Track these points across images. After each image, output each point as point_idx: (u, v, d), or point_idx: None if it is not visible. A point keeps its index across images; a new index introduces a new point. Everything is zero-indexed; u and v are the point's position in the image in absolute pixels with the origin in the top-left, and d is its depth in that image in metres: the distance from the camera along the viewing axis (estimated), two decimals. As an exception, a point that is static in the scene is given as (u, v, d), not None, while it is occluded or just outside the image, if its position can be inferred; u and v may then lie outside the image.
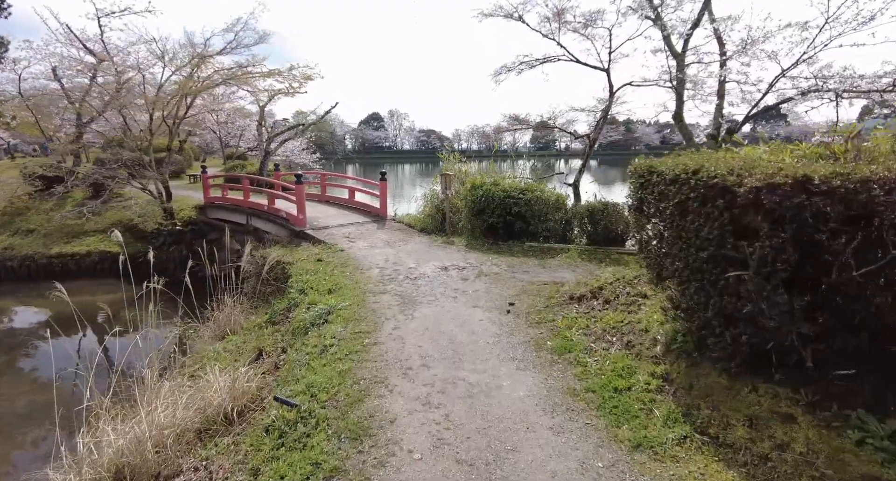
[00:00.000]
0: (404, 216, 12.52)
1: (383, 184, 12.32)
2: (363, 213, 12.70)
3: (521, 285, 7.12)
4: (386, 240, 10.38)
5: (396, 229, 11.51)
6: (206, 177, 14.46)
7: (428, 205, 12.01)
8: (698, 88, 8.53)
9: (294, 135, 19.28)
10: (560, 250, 9.14)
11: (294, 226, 10.95)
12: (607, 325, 4.87)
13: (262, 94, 13.87)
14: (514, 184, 10.07)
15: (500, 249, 9.46)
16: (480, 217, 9.99)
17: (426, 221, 11.67)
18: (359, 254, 9.20)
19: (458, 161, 12.55)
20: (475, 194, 9.97)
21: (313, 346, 5.24)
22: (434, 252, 9.41)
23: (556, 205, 9.78)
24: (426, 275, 7.75)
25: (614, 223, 8.90)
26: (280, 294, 8.44)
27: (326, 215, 12.34)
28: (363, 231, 11.12)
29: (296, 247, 10.23)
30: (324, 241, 10.09)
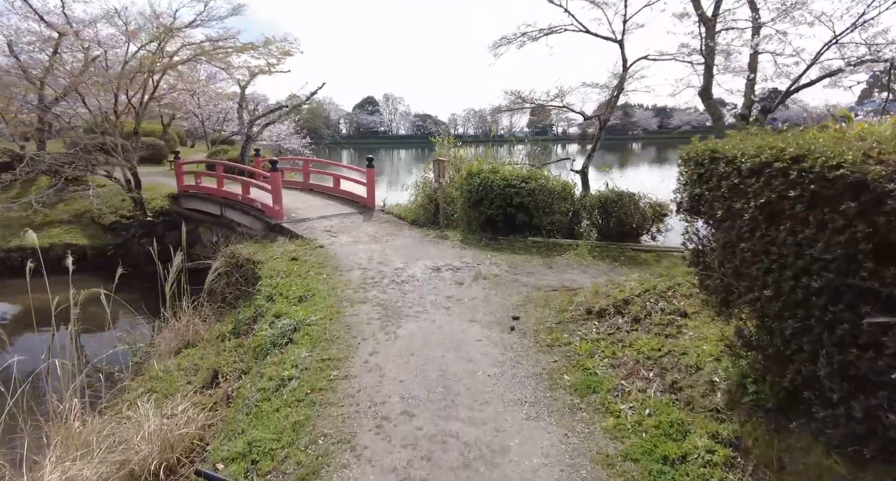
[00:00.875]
0: (394, 206, 11.41)
1: (370, 172, 11.18)
2: (349, 204, 11.58)
3: (526, 291, 6.07)
4: (372, 235, 9.29)
5: (385, 221, 10.41)
6: (180, 164, 13.26)
7: (420, 194, 10.90)
8: (731, 59, 7.43)
9: (278, 117, 18.02)
10: (567, 246, 8.08)
11: (270, 218, 9.83)
12: (641, 354, 3.82)
13: (236, 71, 12.67)
14: (516, 171, 8.97)
15: (499, 245, 8.38)
16: (477, 208, 8.90)
17: (417, 213, 10.57)
18: (340, 252, 8.11)
19: (453, 146, 11.42)
20: (472, 183, 8.86)
21: (269, 378, 4.19)
22: (426, 248, 8.33)
23: (563, 195, 8.70)
24: (415, 278, 6.68)
25: (629, 215, 7.83)
26: (249, 298, 7.38)
27: (308, 206, 11.21)
28: (347, 224, 10.01)
29: (270, 242, 9.13)
30: (302, 236, 8.98)
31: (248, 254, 8.40)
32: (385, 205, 11.49)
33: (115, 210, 14.28)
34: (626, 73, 8.67)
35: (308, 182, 13.18)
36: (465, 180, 9.10)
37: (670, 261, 7.30)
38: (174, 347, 6.75)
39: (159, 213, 13.25)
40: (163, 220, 13.21)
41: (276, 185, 9.64)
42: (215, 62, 11.77)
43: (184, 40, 10.92)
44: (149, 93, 11.56)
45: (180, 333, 6.93)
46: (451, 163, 10.89)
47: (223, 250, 8.97)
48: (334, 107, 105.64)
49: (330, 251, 8.19)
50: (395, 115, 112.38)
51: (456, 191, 9.83)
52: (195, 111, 23.73)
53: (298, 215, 10.27)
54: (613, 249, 7.82)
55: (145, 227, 13.09)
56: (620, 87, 8.67)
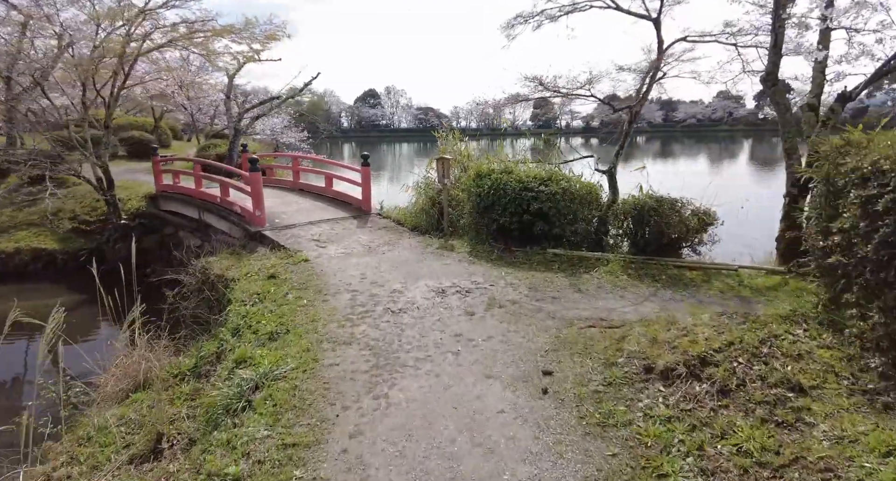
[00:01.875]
0: (393, 210, 10.17)
1: (365, 171, 9.92)
2: (342, 206, 10.34)
3: (555, 327, 4.84)
4: (366, 244, 8.06)
5: (382, 228, 9.17)
6: (157, 161, 12.03)
7: (421, 196, 9.65)
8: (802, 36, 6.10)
9: (269, 110, 16.74)
10: (595, 261, 6.84)
11: (249, 225, 8.60)
12: (747, 457, 2.59)
13: (216, 57, 11.41)
14: (533, 171, 7.71)
15: (514, 259, 7.15)
16: (488, 215, 7.66)
17: (419, 217, 9.33)
18: (328, 267, 6.89)
19: (459, 140, 10.16)
20: (481, 185, 7.62)
21: (207, 476, 2.98)
22: (428, 263, 7.10)
23: (588, 200, 7.45)
24: (415, 305, 5.46)
25: (671, 226, 6.57)
26: (218, 325, 6.17)
27: (296, 209, 9.97)
28: (339, 231, 8.77)
29: (249, 253, 7.91)
30: (285, 247, 7.76)
31: (221, 270, 7.19)
32: (382, 208, 10.25)
33: (90, 211, 13.10)
34: (661, 57, 7.37)
35: (298, 181, 11.93)
36: (474, 182, 7.86)
37: (723, 282, 6.06)
38: (122, 389, 5.55)
39: (135, 215, 12.04)
40: (139, 223, 12.00)
41: (255, 187, 8.41)
42: (195, 48, 10.53)
43: (157, 23, 9.67)
44: (120, 81, 10.34)
45: (131, 370, 5.73)
46: (457, 160, 9.64)
47: (194, 263, 7.77)
48: (335, 100, 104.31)
49: (316, 266, 6.97)
50: (396, 109, 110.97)
51: (463, 193, 8.60)
52: (184, 103, 22.41)
53: (283, 221, 9.03)
54: (651, 266, 6.58)
55: (120, 231, 11.89)
56: (654, 73, 7.38)
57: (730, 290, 5.81)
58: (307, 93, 18.61)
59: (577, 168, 8.42)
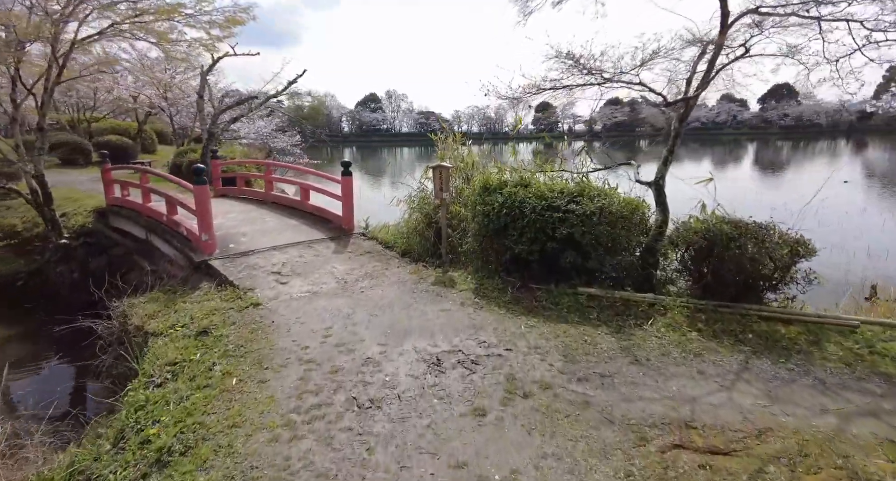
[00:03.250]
0: (380, 229, 8.35)
1: (347, 182, 8.10)
2: (319, 224, 8.52)
3: (618, 441, 3.01)
4: (342, 278, 6.23)
5: (364, 252, 7.34)
6: (108, 170, 10.23)
7: (415, 212, 7.84)
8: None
9: (247, 111, 14.97)
10: (648, 308, 5.01)
11: (194, 251, 6.77)
12: None
13: (172, 47, 9.65)
14: (559, 184, 5.88)
15: (536, 302, 5.32)
16: (500, 240, 5.84)
17: (412, 239, 7.51)
18: (283, 317, 5.06)
19: (461, 144, 8.35)
20: (490, 202, 5.81)
21: None
22: (420, 307, 5.27)
23: (633, 223, 5.62)
24: (396, 391, 3.63)
25: (756, 260, 4.72)
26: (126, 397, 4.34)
27: (260, 228, 8.14)
28: (309, 258, 6.94)
29: (191, 289, 6.08)
30: (234, 284, 5.93)
31: (141, 319, 5.36)
32: (368, 227, 8.43)
33: (33, 227, 11.29)
34: (725, 34, 5.54)
35: (270, 193, 10.11)
36: (480, 197, 6.05)
37: (840, 344, 4.23)
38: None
39: (80, 233, 10.22)
40: (84, 242, 10.18)
41: (201, 205, 6.58)
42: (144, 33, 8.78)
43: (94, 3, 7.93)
44: (54, 75, 8.60)
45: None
46: (459, 169, 7.83)
47: (114, 305, 5.95)
48: (336, 104, 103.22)
49: (267, 315, 5.14)
50: (397, 113, 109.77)
51: (466, 210, 6.79)
52: (161, 105, 20.64)
53: (241, 245, 7.20)
54: (728, 317, 4.74)
55: (61, 251, 10.08)
56: (716, 54, 5.55)
57: (860, 361, 3.97)
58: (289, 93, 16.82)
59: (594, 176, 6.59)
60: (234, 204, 10.18)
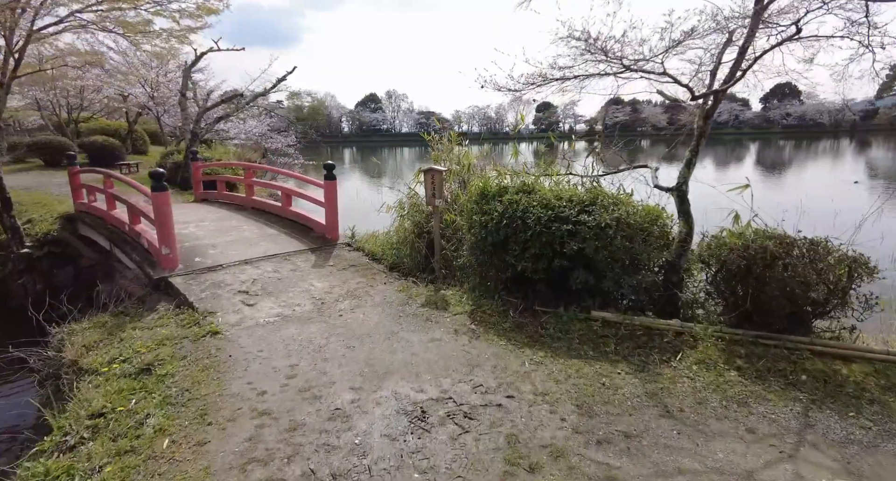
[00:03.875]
0: (367, 237, 7.57)
1: (330, 186, 7.31)
2: (300, 233, 7.74)
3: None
4: (319, 298, 5.45)
5: (348, 266, 6.56)
6: (75, 173, 9.47)
7: (406, 218, 7.06)
8: None
9: (234, 110, 14.19)
10: (674, 338, 4.23)
11: (153, 267, 5.98)
12: None
13: (139, 38, 8.89)
14: (566, 191, 5.10)
15: (542, 330, 4.54)
16: (499, 256, 5.05)
17: (401, 251, 6.73)
18: (241, 351, 4.28)
19: (457, 144, 7.55)
20: (489, 211, 5.04)
21: None
22: (405, 337, 4.49)
23: (652, 236, 4.82)
24: (367, 460, 2.85)
25: (807, 283, 3.93)
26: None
27: (234, 238, 7.35)
28: (285, 273, 6.16)
29: (142, 314, 5.29)
30: (194, 305, 5.15)
31: (78, 352, 4.57)
32: (354, 236, 7.65)
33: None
34: (760, 17, 4.74)
35: (251, 198, 9.32)
36: (478, 205, 5.27)
37: (919, 391, 3.44)
38: None
39: (44, 242, 9.43)
40: (49, 252, 9.39)
41: (162, 214, 5.79)
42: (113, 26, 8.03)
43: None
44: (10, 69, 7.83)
45: None
46: (454, 172, 7.04)
47: (53, 333, 5.17)
48: (336, 104, 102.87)
49: (225, 346, 4.36)
50: (398, 113, 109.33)
51: (462, 219, 6.00)
52: (148, 105, 19.85)
53: (209, 258, 6.41)
54: (773, 351, 3.95)
55: (24, 261, 9.29)
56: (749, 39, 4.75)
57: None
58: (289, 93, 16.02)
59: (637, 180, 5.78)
60: (211, 210, 9.40)
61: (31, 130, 29.51)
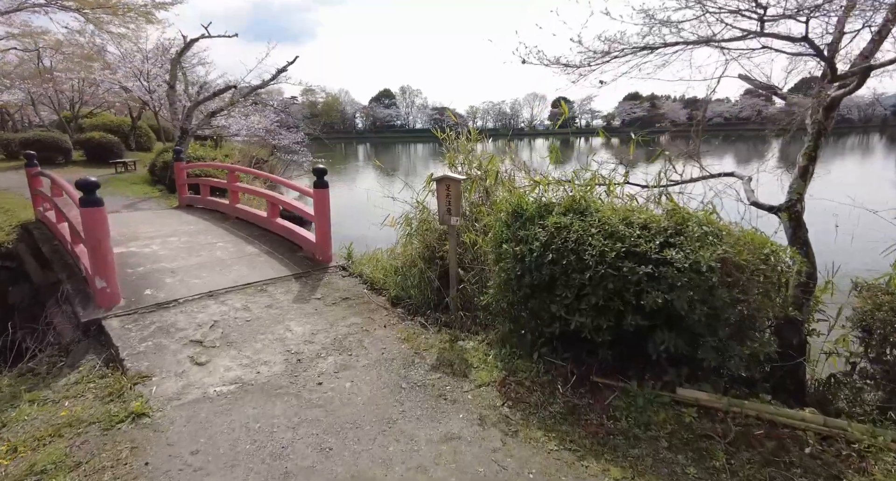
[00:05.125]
0: (368, 258, 6.17)
1: (321, 196, 5.91)
2: (285, 252, 6.37)
3: None
4: (294, 353, 4.05)
5: (339, 300, 5.15)
6: (35, 174, 8.22)
7: (414, 237, 5.64)
8: None
9: (229, 104, 12.88)
10: (819, 443, 2.74)
11: (85, 304, 4.62)
12: None
13: (95, 13, 7.61)
14: (637, 211, 3.61)
15: (608, 419, 3.08)
16: (542, 301, 3.59)
17: (407, 279, 5.30)
18: (167, 453, 2.89)
19: (476, 142, 6.06)
20: (526, 239, 3.59)
21: None
22: (408, 432, 3.07)
23: (764, 277, 3.31)
24: None
25: None
26: None
27: (203, 260, 5.99)
28: (258, 311, 4.77)
29: (57, 374, 3.95)
30: (125, 366, 3.78)
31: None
32: (351, 256, 6.25)
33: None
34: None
35: (236, 206, 7.96)
36: (509, 228, 3.84)
37: None
38: None
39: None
40: (1, 267, 8.16)
41: (94, 237, 4.41)
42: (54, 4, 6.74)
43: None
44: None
45: None
46: (475, 179, 5.58)
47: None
48: (350, 100, 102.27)
49: (147, 441, 2.98)
50: (411, 109, 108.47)
51: (485, 242, 4.56)
52: (144, 98, 18.60)
53: (163, 289, 5.04)
54: None
55: (-23, 279, 8.07)
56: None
57: None
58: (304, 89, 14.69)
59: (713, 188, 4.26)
60: (189, 219, 8.08)
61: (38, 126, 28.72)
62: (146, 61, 17.18)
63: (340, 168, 36.16)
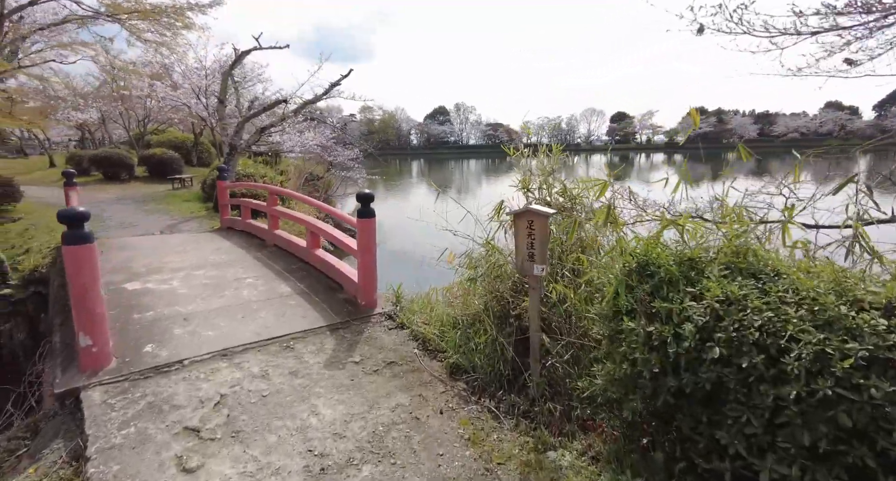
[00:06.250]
0: (419, 302, 4.99)
1: (366, 227, 4.81)
2: (322, 294, 5.30)
3: None
4: (318, 454, 2.89)
5: (383, 365, 3.98)
6: (71, 188, 7.70)
7: (480, 283, 4.39)
8: None
9: (280, 119, 12.29)
10: None
11: (66, 367, 3.69)
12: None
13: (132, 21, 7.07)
14: (866, 285, 2.20)
15: None
16: (696, 414, 2.23)
17: (469, 340, 4.04)
18: None
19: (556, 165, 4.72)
20: (671, 316, 2.24)
21: None
22: None
23: None
24: None
25: None
26: None
27: (225, 303, 5.01)
28: (278, 384, 3.66)
29: (14, 466, 2.98)
30: (87, 462, 2.76)
31: None
32: (400, 300, 5.09)
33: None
34: None
35: (274, 231, 7.06)
36: (632, 291, 2.52)
37: None
38: None
39: (30, 280, 7.69)
40: (34, 293, 7.64)
41: (78, 283, 3.49)
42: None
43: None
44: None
45: None
46: (569, 217, 4.26)
47: None
48: (406, 117, 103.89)
49: None
50: (465, 125, 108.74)
51: (580, 299, 3.25)
52: (201, 114, 18.60)
53: (166, 345, 4.04)
54: None
55: (9, 305, 7.58)
56: None
57: None
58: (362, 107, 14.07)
59: None
60: (223, 246, 7.26)
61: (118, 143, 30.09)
62: (204, 77, 17.21)
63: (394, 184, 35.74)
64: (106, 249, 7.09)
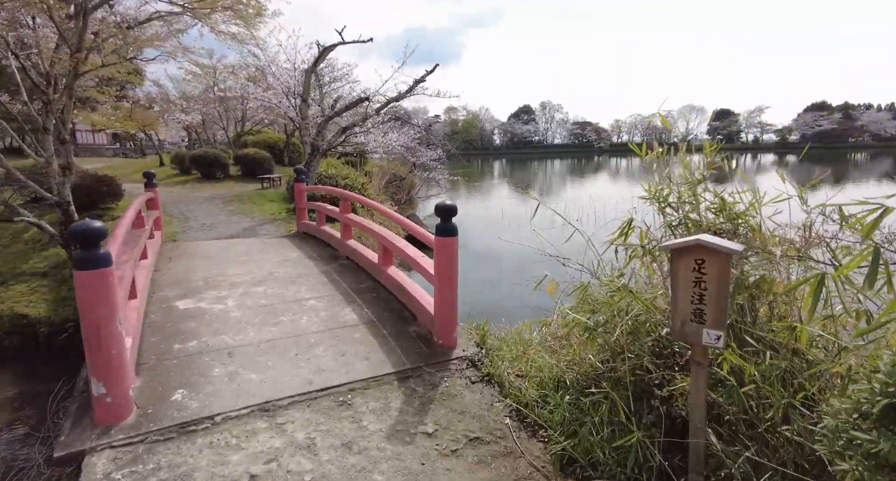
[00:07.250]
0: (509, 342, 3.89)
1: (445, 245, 3.81)
2: (391, 325, 4.38)
3: None
4: None
5: (461, 443, 2.93)
6: (148, 196, 7.52)
7: (607, 329, 3.19)
8: None
9: (362, 119, 11.73)
10: None
11: (78, 422, 3.03)
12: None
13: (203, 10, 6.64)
14: None
15: None
16: None
17: (584, 414, 2.87)
18: None
19: (714, 167, 3.39)
20: None
21: None
22: None
23: None
24: None
25: None
26: None
27: (281, 332, 4.23)
28: (324, 459, 2.76)
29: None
30: None
31: None
32: (484, 342, 4.03)
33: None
34: None
35: (347, 243, 6.29)
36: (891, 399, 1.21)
37: None
38: None
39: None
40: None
41: (89, 317, 2.81)
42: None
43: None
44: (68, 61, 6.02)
45: None
46: (723, 233, 2.95)
47: None
48: (489, 117, 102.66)
49: None
50: (551, 124, 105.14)
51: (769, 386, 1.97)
52: (289, 114, 18.70)
53: (199, 393, 3.29)
54: None
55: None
56: None
57: None
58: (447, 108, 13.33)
59: None
60: (292, 257, 6.63)
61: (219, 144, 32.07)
62: (292, 77, 17.27)
63: (476, 185, 34.80)
64: (176, 256, 6.74)
